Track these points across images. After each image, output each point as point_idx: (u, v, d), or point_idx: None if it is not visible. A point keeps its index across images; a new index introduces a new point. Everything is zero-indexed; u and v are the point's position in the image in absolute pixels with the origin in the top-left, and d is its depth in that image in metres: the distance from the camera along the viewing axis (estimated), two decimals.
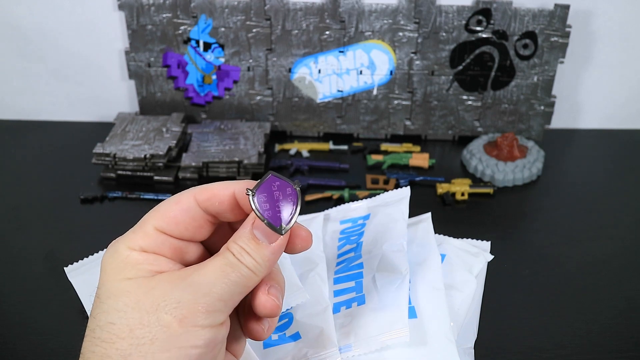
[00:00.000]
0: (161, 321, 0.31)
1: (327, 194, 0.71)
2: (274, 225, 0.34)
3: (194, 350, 0.31)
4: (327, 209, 0.64)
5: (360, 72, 0.81)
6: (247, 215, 0.35)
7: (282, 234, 0.34)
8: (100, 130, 0.81)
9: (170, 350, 0.31)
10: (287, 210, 0.34)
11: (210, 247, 0.38)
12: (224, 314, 0.33)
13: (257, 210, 0.34)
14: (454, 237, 0.59)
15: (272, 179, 0.35)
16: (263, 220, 0.34)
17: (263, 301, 0.35)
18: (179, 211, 0.35)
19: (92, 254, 0.55)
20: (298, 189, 0.35)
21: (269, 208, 0.34)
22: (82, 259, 0.54)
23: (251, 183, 0.35)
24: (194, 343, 0.31)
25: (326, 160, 0.79)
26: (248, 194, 0.34)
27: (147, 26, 0.78)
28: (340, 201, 0.71)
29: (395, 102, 0.83)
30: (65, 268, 0.53)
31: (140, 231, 0.35)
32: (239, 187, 0.35)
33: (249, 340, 0.47)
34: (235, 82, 0.82)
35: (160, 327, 0.31)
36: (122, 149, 0.74)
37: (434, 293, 0.51)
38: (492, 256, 0.57)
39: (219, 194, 0.35)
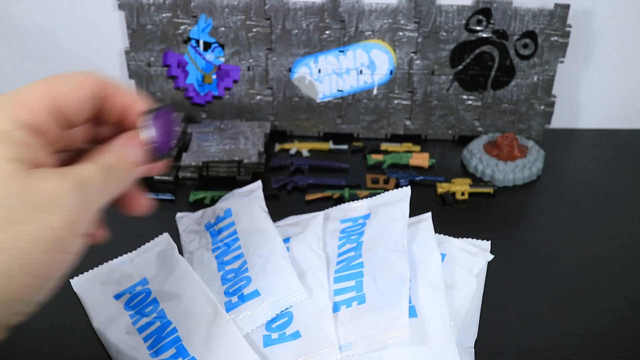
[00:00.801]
0: (51, 222, 0.29)
1: (327, 193, 0.71)
2: (162, 152, 0.38)
3: (69, 257, 0.31)
4: (327, 208, 0.64)
5: (360, 72, 0.81)
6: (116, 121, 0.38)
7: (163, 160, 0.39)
8: None
9: (50, 253, 0.30)
10: (173, 141, 0.39)
11: None
12: (97, 223, 0.35)
13: (151, 135, 0.37)
14: (454, 237, 0.59)
15: (168, 110, 0.38)
16: (153, 145, 0.37)
17: (143, 202, 0.40)
18: (80, 89, 0.34)
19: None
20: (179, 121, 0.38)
21: (159, 134, 0.37)
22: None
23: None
24: (73, 250, 0.31)
25: (326, 160, 0.79)
26: (147, 115, 0.37)
27: (147, 26, 0.78)
28: (341, 201, 0.70)
29: (395, 101, 0.83)
30: None
31: (28, 102, 0.32)
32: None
33: (247, 339, 0.47)
34: (235, 81, 0.82)
35: (49, 228, 0.29)
36: None
37: (434, 292, 0.51)
38: (492, 256, 0.57)
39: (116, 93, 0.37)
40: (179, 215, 0.65)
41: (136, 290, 0.53)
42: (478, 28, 0.78)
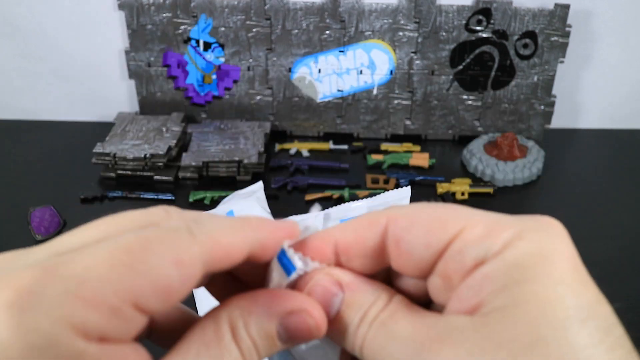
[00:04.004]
0: None
1: (327, 193, 0.71)
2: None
3: None
4: (327, 208, 0.64)
5: (361, 72, 0.81)
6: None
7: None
8: (100, 130, 0.81)
9: None
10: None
11: None
12: None
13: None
14: None
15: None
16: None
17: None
18: (180, 278, 0.20)
19: None
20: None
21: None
22: None
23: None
24: None
25: (326, 160, 0.79)
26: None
27: (147, 26, 0.78)
28: (340, 200, 0.70)
29: (396, 101, 0.83)
30: None
31: (103, 301, 0.18)
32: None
33: None
34: (235, 81, 0.82)
35: None
36: (122, 148, 0.74)
37: None
38: None
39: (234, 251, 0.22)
40: None
41: None
42: (478, 28, 0.78)
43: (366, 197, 0.65)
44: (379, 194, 0.66)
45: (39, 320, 0.17)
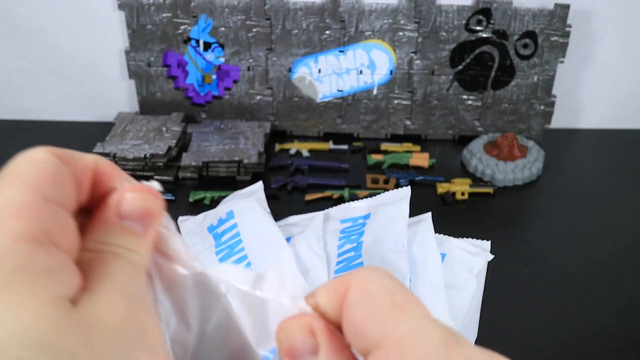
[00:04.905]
0: None
1: (327, 193, 0.71)
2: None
3: None
4: (327, 208, 0.64)
5: (361, 72, 0.81)
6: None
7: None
8: (100, 130, 0.81)
9: None
10: None
11: None
12: None
13: None
14: (454, 237, 0.59)
15: None
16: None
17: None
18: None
19: None
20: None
21: None
22: None
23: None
24: None
25: (326, 160, 0.79)
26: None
27: (147, 26, 0.78)
28: (341, 201, 0.70)
29: (395, 101, 0.83)
30: None
31: None
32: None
33: None
34: (235, 81, 0.82)
35: None
36: (122, 148, 0.74)
37: (434, 292, 0.51)
38: (492, 256, 0.57)
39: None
40: (181, 219, 0.65)
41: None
42: (478, 28, 0.78)
43: (366, 197, 0.64)
44: (379, 194, 0.66)
45: None
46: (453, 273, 0.54)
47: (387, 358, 0.21)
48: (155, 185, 0.28)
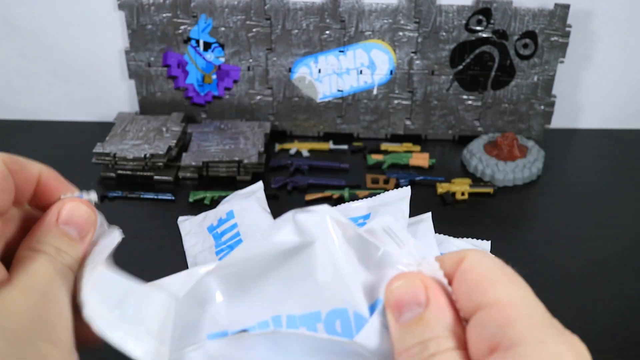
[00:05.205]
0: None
1: (327, 193, 0.71)
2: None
3: None
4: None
5: (361, 72, 0.81)
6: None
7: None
8: (100, 130, 0.81)
9: None
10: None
11: None
12: None
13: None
14: (454, 237, 0.59)
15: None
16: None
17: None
18: None
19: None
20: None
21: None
22: None
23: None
24: None
25: (326, 160, 0.79)
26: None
27: (147, 26, 0.78)
28: (340, 201, 0.70)
29: (395, 101, 0.83)
30: None
31: None
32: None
33: None
34: (235, 81, 0.82)
35: None
36: (122, 148, 0.74)
37: None
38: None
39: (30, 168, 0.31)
40: (180, 219, 0.65)
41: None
42: (478, 28, 0.78)
43: (366, 197, 0.64)
44: (379, 194, 0.66)
45: None
46: None
47: (505, 314, 0.23)
48: (92, 197, 0.33)
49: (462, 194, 0.72)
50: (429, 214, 0.59)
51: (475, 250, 0.25)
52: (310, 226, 0.27)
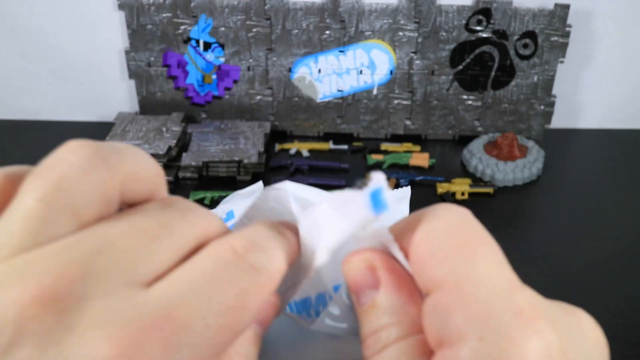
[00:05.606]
0: None
1: None
2: None
3: None
4: None
5: (361, 72, 0.81)
6: None
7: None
8: (100, 130, 0.81)
9: None
10: None
11: None
12: None
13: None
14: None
15: None
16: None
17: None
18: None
19: None
20: None
21: None
22: None
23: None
24: None
25: (326, 160, 0.79)
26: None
27: (147, 26, 0.78)
28: None
29: (395, 101, 0.83)
30: None
31: None
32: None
33: None
34: (235, 81, 0.82)
35: None
36: None
37: None
38: None
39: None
40: None
41: None
42: (478, 28, 0.78)
43: None
44: None
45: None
46: None
47: (446, 300, 0.19)
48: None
49: (462, 194, 0.72)
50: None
51: (433, 210, 0.21)
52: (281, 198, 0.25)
